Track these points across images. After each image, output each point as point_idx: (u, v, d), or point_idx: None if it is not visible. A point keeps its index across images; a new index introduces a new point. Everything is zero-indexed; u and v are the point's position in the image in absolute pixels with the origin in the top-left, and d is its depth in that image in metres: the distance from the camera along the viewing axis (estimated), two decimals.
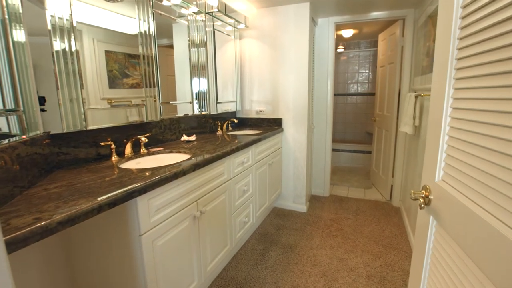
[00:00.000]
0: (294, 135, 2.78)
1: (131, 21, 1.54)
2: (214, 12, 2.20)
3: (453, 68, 0.69)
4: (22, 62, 1.05)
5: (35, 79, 1.17)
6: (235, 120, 2.71)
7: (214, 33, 2.32)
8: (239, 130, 2.76)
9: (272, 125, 2.86)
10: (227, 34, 2.56)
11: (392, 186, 3.04)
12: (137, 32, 1.58)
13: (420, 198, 0.80)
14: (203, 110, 2.30)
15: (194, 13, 2.12)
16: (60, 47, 1.19)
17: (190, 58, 2.17)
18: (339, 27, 3.64)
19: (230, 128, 2.77)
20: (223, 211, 1.76)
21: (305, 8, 2.51)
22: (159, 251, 1.20)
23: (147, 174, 1.18)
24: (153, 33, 1.66)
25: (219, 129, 2.58)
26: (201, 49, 2.20)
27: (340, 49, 4.73)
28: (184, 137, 2.08)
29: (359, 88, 4.87)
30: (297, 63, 2.64)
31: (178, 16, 2.01)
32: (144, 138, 1.54)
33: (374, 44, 4.59)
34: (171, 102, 2.00)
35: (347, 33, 3.87)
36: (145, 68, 1.64)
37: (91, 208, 0.85)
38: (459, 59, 0.67)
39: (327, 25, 2.96)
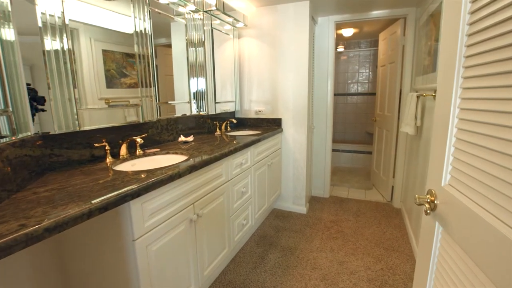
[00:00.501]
0: (293, 135, 2.74)
1: (127, 19, 1.51)
2: (212, 10, 2.17)
3: (461, 66, 0.66)
4: (11, 61, 1.02)
5: (34, 79, 1.13)
6: (234, 120, 2.67)
7: (213, 32, 2.28)
8: (238, 130, 2.72)
9: (271, 125, 2.82)
10: (225, 33, 2.52)
11: (393, 187, 3.00)
12: (133, 30, 1.54)
13: (425, 204, 0.76)
14: (201, 110, 2.26)
15: (192, 11, 2.08)
16: (51, 45, 1.16)
17: (188, 58, 2.13)
18: (339, 26, 3.60)
19: (228, 129, 2.73)
20: (221, 214, 1.72)
21: (305, 7, 2.47)
22: (154, 256, 1.16)
23: (141, 176, 1.15)
24: (149, 31, 1.63)
25: (217, 129, 2.54)
26: (199, 48, 2.16)
27: (340, 49, 4.69)
28: (182, 138, 2.04)
29: (360, 88, 4.83)
30: (296, 63, 2.60)
31: (176, 14, 1.97)
32: (139, 139, 1.51)
33: (374, 44, 4.55)
34: (169, 102, 1.96)
35: (348, 32, 3.83)
36: (142, 68, 1.61)
37: (80, 213, 0.81)
38: (467, 56, 0.63)
39: (327, 24, 2.92)
